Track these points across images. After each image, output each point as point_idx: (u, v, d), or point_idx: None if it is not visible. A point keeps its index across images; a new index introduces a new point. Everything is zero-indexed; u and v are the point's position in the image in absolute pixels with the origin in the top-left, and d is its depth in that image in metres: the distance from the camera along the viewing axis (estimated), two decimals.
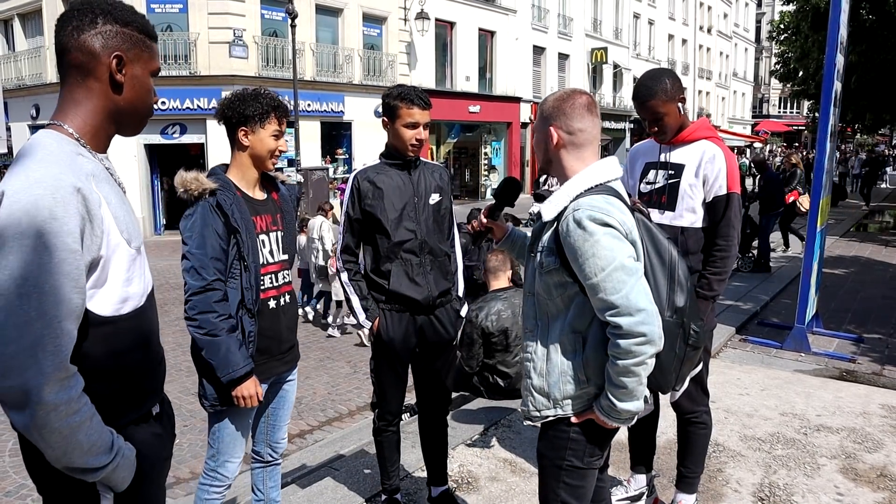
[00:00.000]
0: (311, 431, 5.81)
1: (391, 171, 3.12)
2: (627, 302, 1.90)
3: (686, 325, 2.11)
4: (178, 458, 5.22)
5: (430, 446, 3.45)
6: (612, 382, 1.98)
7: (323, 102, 20.33)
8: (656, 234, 2.14)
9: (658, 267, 2.10)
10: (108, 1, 1.58)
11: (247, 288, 2.55)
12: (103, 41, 1.54)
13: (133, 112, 1.63)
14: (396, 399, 3.32)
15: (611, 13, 35.17)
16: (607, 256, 1.91)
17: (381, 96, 3.14)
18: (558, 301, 2.08)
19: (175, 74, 17.76)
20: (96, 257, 1.47)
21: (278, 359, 2.77)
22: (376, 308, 3.15)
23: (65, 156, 1.47)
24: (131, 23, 1.59)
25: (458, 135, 27.00)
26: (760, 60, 60.18)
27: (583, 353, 2.06)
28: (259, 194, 2.73)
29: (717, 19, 48.40)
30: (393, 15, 22.55)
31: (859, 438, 4.33)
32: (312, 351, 8.01)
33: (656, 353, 1.96)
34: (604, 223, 1.93)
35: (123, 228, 1.56)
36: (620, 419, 2.04)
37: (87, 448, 1.45)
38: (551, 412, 2.14)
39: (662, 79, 2.95)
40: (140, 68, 1.61)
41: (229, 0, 18.05)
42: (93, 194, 1.47)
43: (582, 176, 2.07)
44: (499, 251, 5.13)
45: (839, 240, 13.81)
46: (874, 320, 7.43)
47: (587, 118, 2.11)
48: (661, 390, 2.19)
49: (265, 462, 2.97)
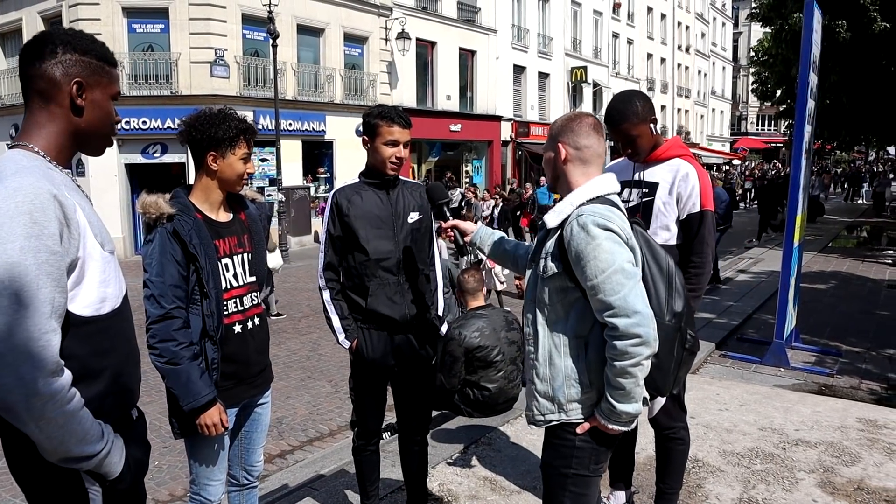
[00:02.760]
0: (292, 451, 5.75)
1: (370, 190, 3.12)
2: (625, 303, 1.99)
3: (683, 329, 2.21)
4: (156, 481, 5.15)
5: (409, 466, 3.43)
6: (610, 384, 2.07)
7: (304, 122, 20.33)
8: (654, 244, 2.25)
9: (657, 274, 2.19)
10: (68, 31, 1.70)
11: (208, 315, 2.49)
12: (63, 69, 1.65)
13: (94, 133, 1.75)
14: (375, 418, 3.31)
15: (590, 33, 35.61)
16: (608, 259, 2.02)
17: (362, 115, 3.16)
18: (559, 307, 2.17)
19: (156, 94, 17.72)
20: (75, 258, 1.58)
21: (248, 383, 2.72)
22: (356, 328, 3.14)
23: (37, 168, 1.59)
24: (90, 51, 1.69)
25: (439, 153, 27.09)
26: (738, 79, 61.12)
27: (585, 357, 2.15)
28: (223, 216, 2.66)
29: (695, 39, 49.14)
30: (374, 35, 22.68)
31: (837, 452, 4.36)
32: (293, 370, 7.95)
33: (654, 355, 2.05)
34: (606, 227, 2.05)
35: (97, 232, 1.67)
36: (621, 422, 2.11)
37: (82, 436, 1.55)
38: (556, 416, 2.21)
39: (633, 101, 2.98)
40: (100, 93, 1.72)
41: (211, 20, 18.07)
42: (68, 200, 1.58)
43: (585, 188, 2.20)
44: (474, 271, 5.17)
45: (817, 255, 13.97)
46: (852, 334, 7.51)
47: (592, 136, 2.26)
48: (661, 392, 2.26)
49: (241, 486, 2.93)
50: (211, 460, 2.64)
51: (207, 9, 17.98)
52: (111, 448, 1.64)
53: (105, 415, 1.67)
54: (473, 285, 4.98)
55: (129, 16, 17.96)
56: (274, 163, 17.50)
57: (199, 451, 2.63)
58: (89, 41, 1.71)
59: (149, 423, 2.01)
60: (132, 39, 17.97)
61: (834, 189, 37.39)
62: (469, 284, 4.98)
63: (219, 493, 2.72)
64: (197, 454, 2.64)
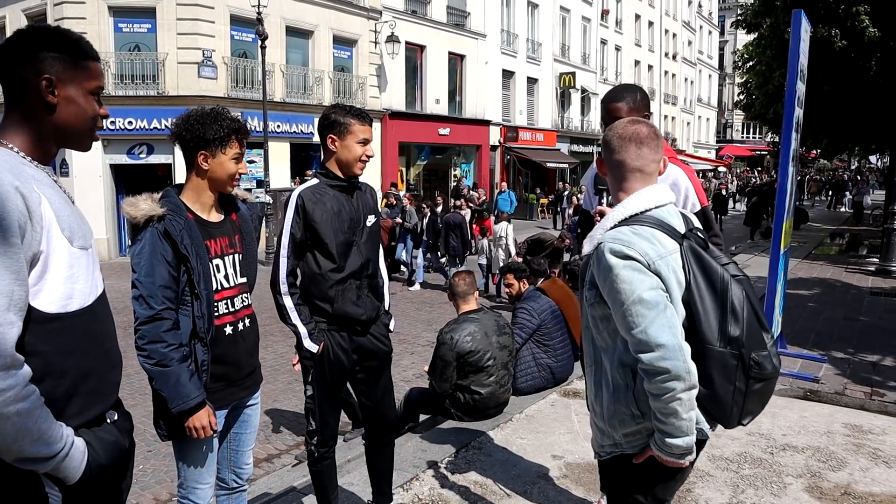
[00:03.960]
0: (279, 455, 5.71)
1: (334, 192, 3.08)
2: (647, 336, 1.87)
3: (745, 355, 1.96)
4: (141, 485, 5.09)
5: (377, 465, 3.46)
6: (655, 418, 1.95)
7: (293, 124, 20.28)
8: (707, 261, 2.02)
9: (708, 295, 1.98)
10: (40, 28, 1.68)
11: (198, 316, 2.47)
12: (33, 67, 1.64)
13: (70, 129, 1.72)
14: (336, 422, 3.32)
15: (578, 39, 35.78)
16: (626, 290, 1.90)
17: (325, 114, 3.07)
18: (605, 335, 2.08)
19: (143, 94, 17.60)
20: (37, 252, 1.55)
21: (238, 384, 2.70)
22: (321, 332, 3.12)
23: (5, 162, 1.56)
24: (60, 47, 1.67)
25: (427, 157, 27.10)
26: (724, 87, 61.61)
27: (634, 386, 2.02)
28: (215, 216, 2.64)
29: (682, 46, 49.50)
30: (363, 38, 22.67)
31: (824, 457, 4.39)
32: (281, 374, 7.90)
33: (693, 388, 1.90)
34: (624, 255, 1.92)
35: (65, 227, 1.63)
36: (674, 455, 1.98)
37: (38, 436, 1.49)
38: (612, 449, 2.13)
39: (634, 91, 3.06)
40: (74, 89, 1.69)
41: (198, 20, 17.98)
42: (33, 193, 1.55)
43: (619, 207, 2.07)
44: (465, 274, 5.15)
45: (802, 262, 14.09)
46: (837, 340, 7.57)
47: (631, 149, 2.09)
48: (724, 425, 2.09)
49: (230, 489, 2.91)
50: (200, 463, 2.62)
51: (195, 9, 17.90)
52: (69, 451, 1.58)
53: (70, 417, 1.62)
54: (464, 288, 4.96)
55: (115, 15, 17.84)
56: (262, 164, 17.44)
57: (187, 453, 2.60)
58: (61, 36, 1.69)
59: (134, 426, 1.96)
60: (118, 39, 17.84)
61: (819, 197, 37.78)
62: (460, 287, 4.96)
63: (208, 496, 2.69)
64: (185, 457, 2.61)
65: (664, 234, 2.00)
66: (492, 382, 4.81)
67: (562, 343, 5.63)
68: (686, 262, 1.99)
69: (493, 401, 4.86)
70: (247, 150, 2.71)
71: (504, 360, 4.90)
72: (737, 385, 1.98)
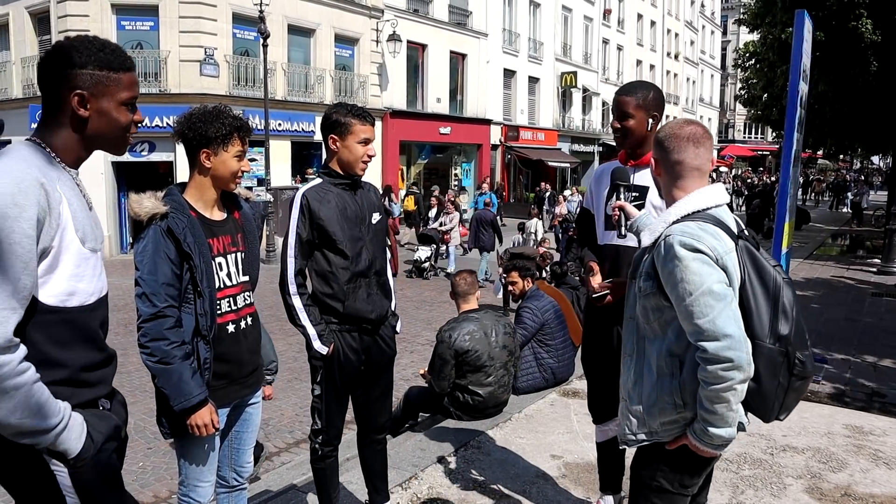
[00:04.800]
0: (279, 453, 5.72)
1: (338, 190, 3.09)
2: (714, 326, 1.94)
3: (791, 353, 2.07)
4: (140, 482, 5.09)
5: (372, 465, 3.47)
6: (703, 407, 2.01)
7: (294, 122, 20.27)
8: (761, 261, 2.12)
9: (761, 294, 2.08)
10: (73, 43, 1.76)
11: (201, 314, 2.47)
12: (66, 83, 1.73)
13: (102, 138, 1.82)
14: (342, 422, 3.32)
15: (580, 38, 35.75)
16: (695, 281, 1.97)
17: (327, 113, 3.08)
18: (655, 325, 2.15)
19: (144, 92, 17.55)
20: (48, 246, 1.65)
21: (240, 383, 2.70)
22: (331, 333, 3.12)
23: (35, 159, 1.68)
24: (92, 63, 1.74)
25: (428, 156, 27.10)
26: (726, 87, 61.58)
27: (680, 376, 2.10)
28: (218, 214, 2.64)
29: (684, 46, 49.47)
30: (365, 36, 22.66)
31: (824, 458, 4.38)
32: (281, 372, 7.87)
33: (748, 380, 1.98)
34: (693, 248, 2.00)
35: (79, 227, 1.73)
36: (713, 444, 2.05)
37: (36, 409, 1.59)
38: (646, 438, 2.18)
39: (648, 88, 3.08)
40: (106, 101, 1.78)
41: (201, 18, 17.98)
42: (55, 192, 1.66)
43: (681, 203, 2.15)
44: (466, 273, 5.14)
45: (803, 262, 14.08)
46: (837, 341, 7.56)
47: (689, 149, 2.17)
48: (763, 419, 2.18)
49: (230, 487, 2.91)
50: (201, 461, 2.62)
51: (198, 7, 17.90)
52: (67, 422, 1.66)
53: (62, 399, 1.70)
54: (465, 288, 4.95)
55: (118, 13, 17.85)
56: (263, 163, 17.44)
57: (189, 451, 2.60)
58: (95, 51, 1.76)
59: (133, 423, 2.00)
60: (121, 36, 17.81)
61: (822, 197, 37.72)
62: (461, 287, 4.95)
63: (208, 494, 2.69)
64: (187, 455, 2.61)
65: (724, 232, 2.08)
66: (491, 382, 4.80)
67: (563, 343, 5.62)
68: (741, 261, 2.08)
69: (492, 401, 4.86)
70: (248, 148, 2.71)
71: (504, 360, 4.89)
72: (780, 381, 2.07)
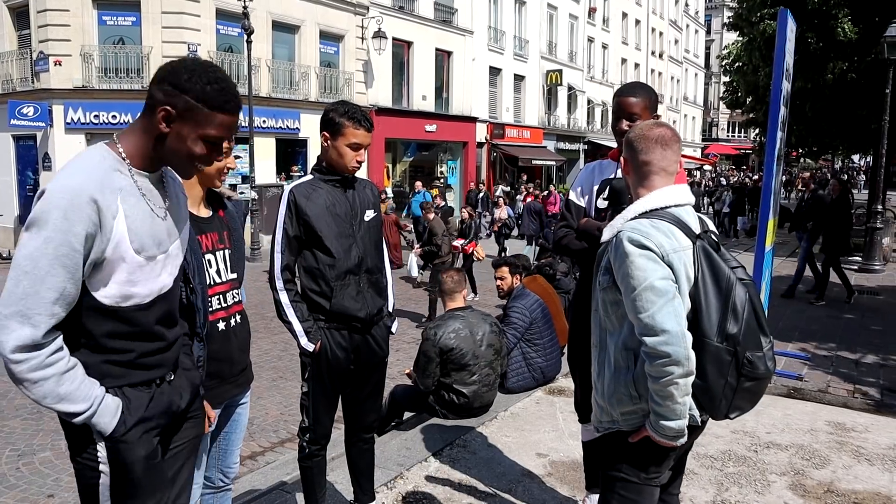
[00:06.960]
0: (263, 453, 5.67)
1: (328, 187, 3.06)
2: (653, 321, 2.00)
3: (740, 353, 2.09)
4: None
5: (359, 464, 3.45)
6: (652, 399, 2.08)
7: (278, 119, 20.14)
8: (717, 261, 2.16)
9: (713, 293, 2.12)
10: (191, 67, 1.87)
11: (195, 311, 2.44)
12: (162, 96, 1.83)
13: (170, 159, 1.91)
14: (330, 421, 3.29)
15: (565, 36, 35.81)
16: (639, 276, 2.03)
17: (325, 110, 3.07)
18: (613, 319, 2.21)
19: (127, 88, 17.40)
20: (100, 257, 1.78)
21: (231, 382, 2.67)
22: (318, 330, 3.09)
23: (100, 170, 1.79)
24: (189, 91, 1.83)
25: (414, 153, 27.03)
26: (710, 86, 61.94)
27: (634, 369, 2.16)
28: (204, 212, 2.62)
29: (669, 45, 49.68)
30: (350, 33, 22.55)
31: (807, 455, 4.41)
32: (265, 370, 7.85)
33: (690, 375, 2.03)
34: (640, 244, 2.06)
35: (136, 239, 1.84)
36: (667, 436, 2.11)
37: (63, 397, 1.76)
38: (610, 425, 2.25)
39: (649, 89, 3.19)
40: (189, 129, 1.85)
41: (184, 14, 17.80)
42: (111, 206, 1.77)
43: (641, 201, 2.21)
44: (453, 272, 5.12)
45: (786, 260, 14.20)
46: (820, 338, 7.63)
47: (657, 151, 2.22)
48: (712, 416, 2.22)
49: (216, 488, 2.87)
50: None
51: (180, 2, 17.71)
52: (97, 408, 1.81)
53: (115, 378, 1.87)
54: (451, 286, 4.94)
55: (99, 7, 17.61)
56: (247, 160, 17.32)
57: None
58: (202, 82, 1.84)
59: None
60: (102, 32, 17.61)
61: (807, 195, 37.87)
62: (447, 285, 4.94)
63: (196, 495, 2.65)
64: None
65: (680, 230, 2.13)
66: (475, 381, 4.78)
67: (551, 341, 5.62)
68: (697, 260, 2.13)
69: (477, 401, 4.83)
70: (234, 145, 2.67)
71: (489, 359, 4.87)
72: (728, 380, 2.11)
